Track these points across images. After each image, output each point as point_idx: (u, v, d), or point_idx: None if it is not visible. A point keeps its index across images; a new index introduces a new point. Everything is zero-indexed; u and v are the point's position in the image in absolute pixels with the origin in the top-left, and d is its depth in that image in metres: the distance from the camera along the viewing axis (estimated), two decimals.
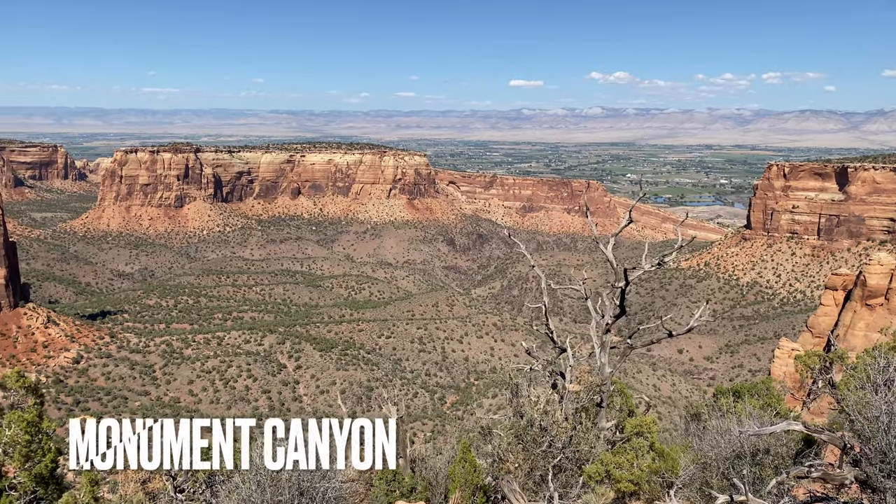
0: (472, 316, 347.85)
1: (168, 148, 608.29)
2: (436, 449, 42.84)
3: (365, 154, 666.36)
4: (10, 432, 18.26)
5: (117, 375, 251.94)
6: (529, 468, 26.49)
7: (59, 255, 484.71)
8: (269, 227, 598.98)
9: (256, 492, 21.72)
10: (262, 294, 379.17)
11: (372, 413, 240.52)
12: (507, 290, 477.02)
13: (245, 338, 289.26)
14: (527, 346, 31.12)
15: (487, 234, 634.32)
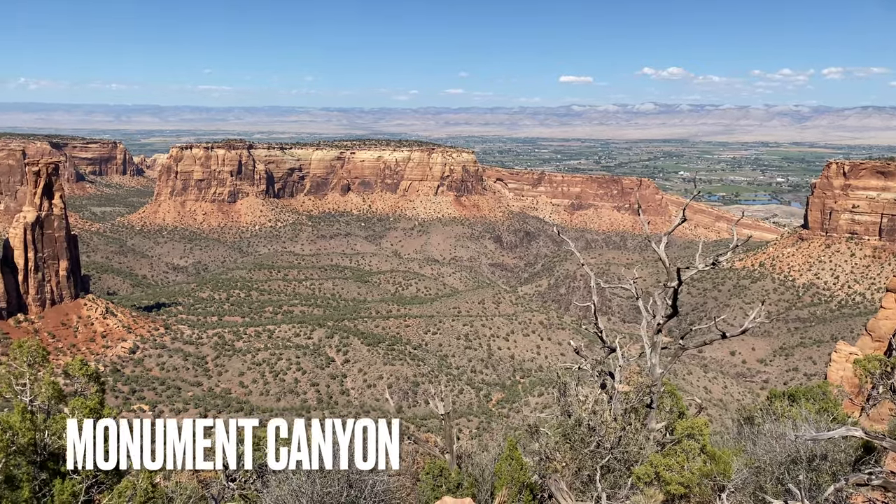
0: (519, 314, 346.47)
1: (222, 144, 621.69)
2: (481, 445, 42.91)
3: (413, 151, 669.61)
4: (73, 418, 18.99)
5: (171, 366, 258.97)
6: (577, 467, 26.30)
7: (118, 248, 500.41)
8: (319, 223, 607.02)
9: (306, 483, 22.07)
10: (311, 288, 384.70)
11: (418, 408, 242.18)
12: (554, 288, 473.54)
13: (295, 331, 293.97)
14: (575, 345, 30.86)
15: (535, 232, 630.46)
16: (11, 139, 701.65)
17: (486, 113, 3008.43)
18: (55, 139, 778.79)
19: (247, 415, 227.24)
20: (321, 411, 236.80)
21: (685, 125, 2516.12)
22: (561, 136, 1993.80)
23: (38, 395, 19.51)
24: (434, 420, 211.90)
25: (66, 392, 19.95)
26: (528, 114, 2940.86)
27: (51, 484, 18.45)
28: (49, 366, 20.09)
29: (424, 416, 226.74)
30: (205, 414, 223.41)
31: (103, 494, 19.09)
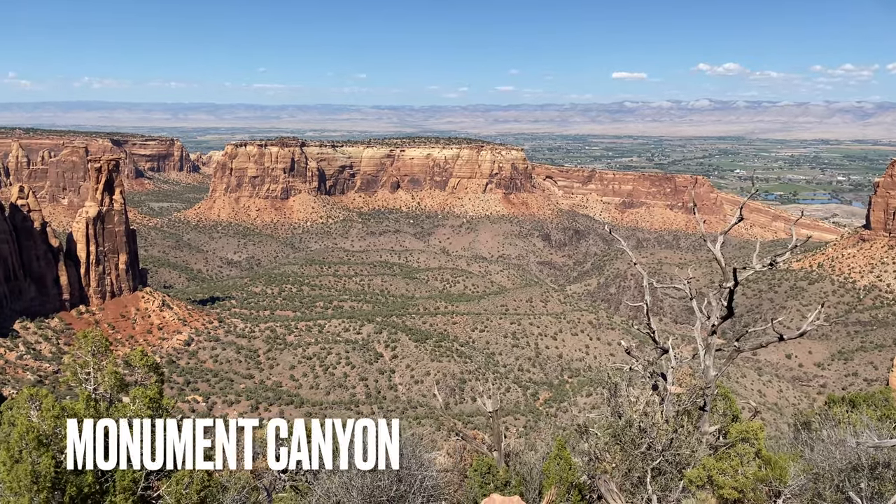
0: (567, 313, 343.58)
1: (275, 142, 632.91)
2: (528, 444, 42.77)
3: (462, 149, 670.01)
4: (134, 407, 19.66)
5: (224, 359, 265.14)
6: (627, 469, 25.97)
7: (174, 242, 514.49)
8: (369, 220, 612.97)
9: (357, 476, 22.33)
10: (361, 284, 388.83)
11: (464, 405, 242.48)
12: (604, 287, 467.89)
13: (344, 326, 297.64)
14: (626, 346, 30.45)
15: (584, 230, 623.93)
16: (75, 137, 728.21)
17: (535, 110, 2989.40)
18: (116, 136, 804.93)
19: (297, 408, 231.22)
20: (369, 406, 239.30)
21: (741, 122, 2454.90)
22: (613, 133, 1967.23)
23: (101, 384, 20.23)
24: (481, 417, 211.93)
25: (127, 382, 20.66)
26: (579, 110, 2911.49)
27: (112, 470, 19.12)
28: (112, 356, 20.82)
29: (471, 413, 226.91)
30: (256, 406, 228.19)
31: (161, 482, 19.71)
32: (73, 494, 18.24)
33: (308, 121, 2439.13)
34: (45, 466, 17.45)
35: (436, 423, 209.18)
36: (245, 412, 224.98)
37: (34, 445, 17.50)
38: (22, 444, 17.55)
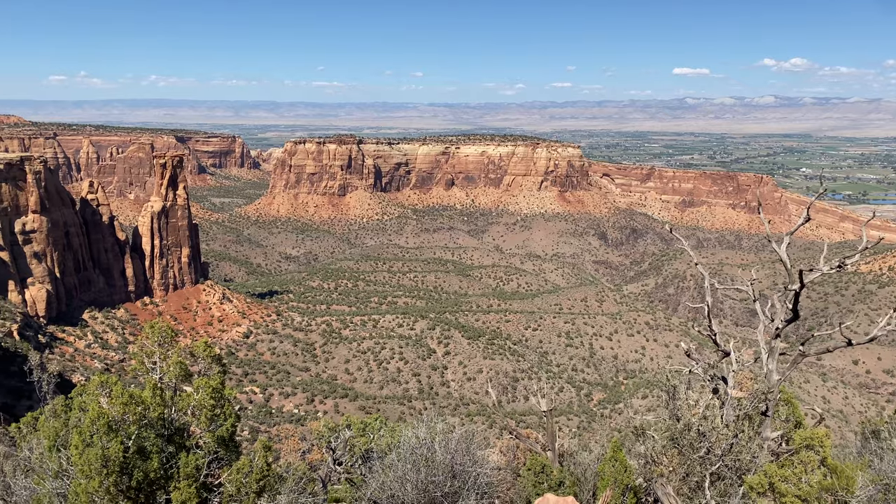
0: (623, 313, 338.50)
1: (333, 139, 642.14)
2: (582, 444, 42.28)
3: (517, 146, 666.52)
4: (197, 396, 20.27)
5: (281, 351, 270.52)
6: (685, 473, 25.45)
7: (235, 237, 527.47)
8: (424, 217, 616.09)
9: (411, 471, 22.50)
10: (415, 280, 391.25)
11: (516, 404, 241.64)
12: (662, 287, 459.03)
13: (398, 322, 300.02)
14: (686, 348, 29.80)
15: (642, 229, 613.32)
16: (142, 134, 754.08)
17: (593, 106, 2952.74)
18: (180, 133, 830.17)
19: (351, 401, 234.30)
20: (422, 401, 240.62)
21: (808, 119, 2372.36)
22: (673, 130, 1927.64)
23: (167, 373, 20.93)
24: (533, 416, 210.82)
25: (191, 372, 21.31)
26: (638, 107, 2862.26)
27: (177, 457, 19.75)
28: (178, 346, 21.52)
29: (523, 412, 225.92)
30: (311, 399, 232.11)
31: (223, 470, 20.26)
32: (139, 479, 18.92)
33: (365, 118, 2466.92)
34: (114, 451, 18.15)
35: (488, 421, 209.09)
36: (301, 404, 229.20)
37: (104, 431, 18.23)
38: (93, 429, 18.30)
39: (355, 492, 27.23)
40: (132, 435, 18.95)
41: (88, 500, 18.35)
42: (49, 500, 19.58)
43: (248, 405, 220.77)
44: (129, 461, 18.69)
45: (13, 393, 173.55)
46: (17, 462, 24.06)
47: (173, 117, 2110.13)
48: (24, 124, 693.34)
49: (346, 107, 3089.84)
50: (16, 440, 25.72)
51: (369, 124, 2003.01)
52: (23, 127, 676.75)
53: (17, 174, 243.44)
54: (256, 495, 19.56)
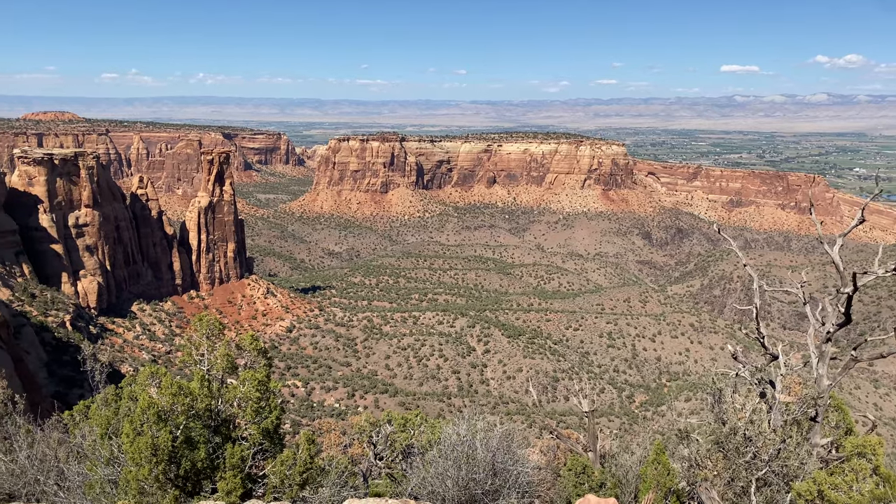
0: (667, 314, 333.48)
1: (376, 137, 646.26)
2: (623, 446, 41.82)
3: (560, 144, 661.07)
4: (243, 388, 20.67)
5: (323, 346, 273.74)
6: (730, 478, 24.97)
7: (279, 233, 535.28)
8: (465, 214, 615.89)
9: (452, 468, 22.55)
10: (455, 278, 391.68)
11: (556, 403, 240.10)
12: (707, 289, 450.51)
13: (438, 319, 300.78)
14: (733, 350, 29.22)
15: (688, 229, 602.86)
16: (190, 130, 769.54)
17: (639, 104, 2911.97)
18: (227, 130, 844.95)
19: (391, 397, 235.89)
20: (461, 399, 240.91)
21: (862, 117, 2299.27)
22: (721, 128, 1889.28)
23: (214, 365, 21.37)
24: (573, 417, 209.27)
25: (237, 364, 21.74)
26: (686, 105, 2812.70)
27: (223, 448, 20.17)
28: (225, 338, 21.97)
29: (563, 412, 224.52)
30: (352, 394, 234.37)
31: (267, 461, 20.62)
32: (187, 468, 19.40)
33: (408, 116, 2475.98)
34: (163, 440, 18.65)
35: (527, 420, 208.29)
36: (342, 399, 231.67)
37: (154, 420, 18.74)
38: (143, 418, 18.83)
39: (396, 487, 27.42)
40: (180, 425, 19.43)
41: (138, 487, 18.88)
42: (101, 486, 20.18)
43: (290, 398, 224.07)
44: (177, 450, 19.18)
45: (65, 381, 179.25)
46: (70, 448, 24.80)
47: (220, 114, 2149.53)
48: (78, 121, 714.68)
49: (389, 104, 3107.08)
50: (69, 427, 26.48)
51: (412, 122, 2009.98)
52: (77, 123, 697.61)
53: (71, 169, 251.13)
54: (300, 487, 19.86)
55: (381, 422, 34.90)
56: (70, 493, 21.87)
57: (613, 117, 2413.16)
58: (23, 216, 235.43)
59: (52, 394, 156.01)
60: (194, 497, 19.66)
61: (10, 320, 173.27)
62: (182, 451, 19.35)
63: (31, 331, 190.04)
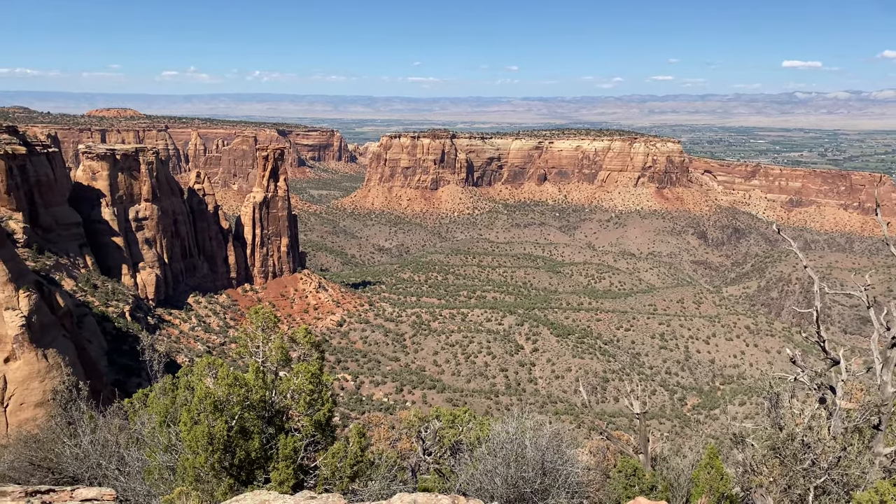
0: (722, 316, 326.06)
1: (427, 134, 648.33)
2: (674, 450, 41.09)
3: (613, 140, 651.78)
4: (297, 381, 21.06)
5: (373, 340, 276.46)
6: (787, 485, 24.30)
7: (331, 228, 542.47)
8: (515, 212, 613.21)
9: (501, 465, 22.52)
10: (504, 276, 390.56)
11: (606, 404, 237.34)
12: (765, 291, 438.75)
13: (486, 316, 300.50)
14: (791, 354, 28.40)
15: (745, 229, 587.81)
16: (245, 127, 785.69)
17: (695, 100, 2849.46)
18: (282, 127, 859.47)
19: (438, 393, 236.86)
20: (509, 397, 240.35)
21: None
22: (781, 125, 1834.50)
23: (269, 357, 21.83)
24: (623, 418, 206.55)
25: (290, 357, 22.15)
26: (744, 101, 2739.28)
27: (276, 438, 20.59)
28: (280, 331, 22.40)
29: (613, 414, 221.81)
30: (400, 389, 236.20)
31: (319, 453, 20.96)
32: (241, 457, 19.87)
33: (459, 113, 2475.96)
34: (219, 430, 19.14)
35: (576, 420, 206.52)
36: (390, 393, 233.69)
37: (210, 410, 19.25)
38: (200, 407, 19.36)
39: (444, 483, 27.51)
40: (235, 415, 19.91)
41: (195, 474, 19.41)
42: (159, 472, 20.83)
43: (339, 392, 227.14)
44: (232, 440, 19.65)
45: (124, 370, 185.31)
46: (130, 435, 25.62)
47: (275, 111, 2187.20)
48: (139, 117, 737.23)
49: (440, 101, 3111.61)
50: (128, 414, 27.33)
51: (463, 119, 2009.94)
52: (138, 120, 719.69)
53: (131, 164, 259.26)
54: (350, 480, 20.13)
55: (429, 417, 35.07)
56: (130, 478, 22.61)
57: (669, 114, 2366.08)
58: (86, 209, 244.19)
59: (111, 382, 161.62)
60: (248, 486, 20.11)
61: (74, 310, 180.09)
62: (237, 440, 19.82)
63: (93, 320, 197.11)
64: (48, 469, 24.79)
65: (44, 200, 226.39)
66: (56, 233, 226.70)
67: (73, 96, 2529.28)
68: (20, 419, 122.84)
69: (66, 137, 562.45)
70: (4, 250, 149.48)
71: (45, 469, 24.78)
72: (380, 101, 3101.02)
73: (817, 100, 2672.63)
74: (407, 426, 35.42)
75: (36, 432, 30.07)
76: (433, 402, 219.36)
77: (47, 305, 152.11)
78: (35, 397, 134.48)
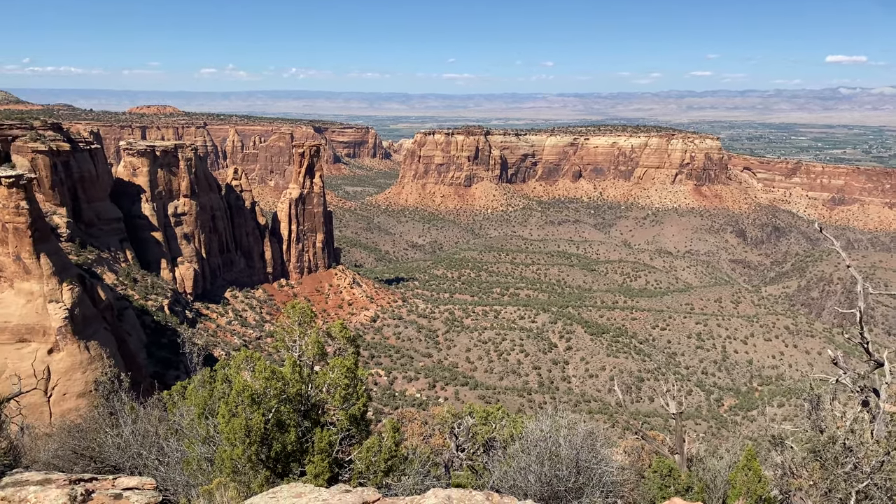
0: (761, 316, 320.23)
1: (461, 131, 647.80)
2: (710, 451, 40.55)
3: (650, 137, 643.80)
4: (333, 375, 21.29)
5: (406, 336, 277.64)
6: (827, 489, 23.79)
7: (365, 225, 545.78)
8: (549, 209, 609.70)
9: (535, 463, 22.46)
10: (537, 273, 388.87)
11: (640, 404, 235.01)
12: (805, 290, 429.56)
13: (519, 314, 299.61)
14: (832, 356, 27.78)
15: (785, 227, 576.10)
16: (282, 124, 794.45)
17: (735, 96, 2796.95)
18: (317, 124, 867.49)
19: (471, 389, 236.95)
20: (542, 395, 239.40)
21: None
22: (823, 121, 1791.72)
23: (305, 351, 22.09)
24: (657, 418, 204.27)
25: (326, 351, 22.39)
26: (785, 97, 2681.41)
27: (312, 432, 20.84)
28: (316, 326, 22.66)
29: (647, 413, 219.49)
30: (433, 385, 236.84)
31: (353, 447, 21.16)
32: (277, 450, 20.16)
33: (493, 109, 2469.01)
34: (256, 422, 19.46)
35: (610, 420, 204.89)
36: (423, 389, 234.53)
37: (248, 403, 19.58)
38: (238, 400, 19.70)
39: (477, 479, 27.55)
40: (272, 408, 20.20)
41: (232, 466, 19.75)
42: (198, 463, 21.23)
43: (373, 387, 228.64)
44: (269, 433, 19.95)
45: (162, 363, 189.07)
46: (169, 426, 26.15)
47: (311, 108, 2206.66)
48: (178, 114, 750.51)
49: (475, 98, 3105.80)
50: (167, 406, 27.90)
51: (497, 115, 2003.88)
52: (177, 117, 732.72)
53: (171, 161, 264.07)
54: (384, 474, 20.28)
55: (462, 414, 35.14)
56: (169, 468, 23.08)
57: (707, 110, 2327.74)
58: (127, 205, 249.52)
59: (150, 374, 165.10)
60: (283, 478, 20.39)
61: (115, 303, 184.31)
62: (273, 433, 20.11)
63: (133, 314, 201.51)
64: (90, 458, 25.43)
65: (86, 196, 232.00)
66: (98, 227, 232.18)
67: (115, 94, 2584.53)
68: (63, 409, 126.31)
69: (107, 134, 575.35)
70: (49, 244, 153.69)
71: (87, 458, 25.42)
72: (415, 97, 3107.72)
73: (862, 95, 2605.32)
74: (440, 422, 35.53)
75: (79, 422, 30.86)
76: (465, 399, 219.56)
77: (89, 298, 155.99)
78: (77, 388, 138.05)
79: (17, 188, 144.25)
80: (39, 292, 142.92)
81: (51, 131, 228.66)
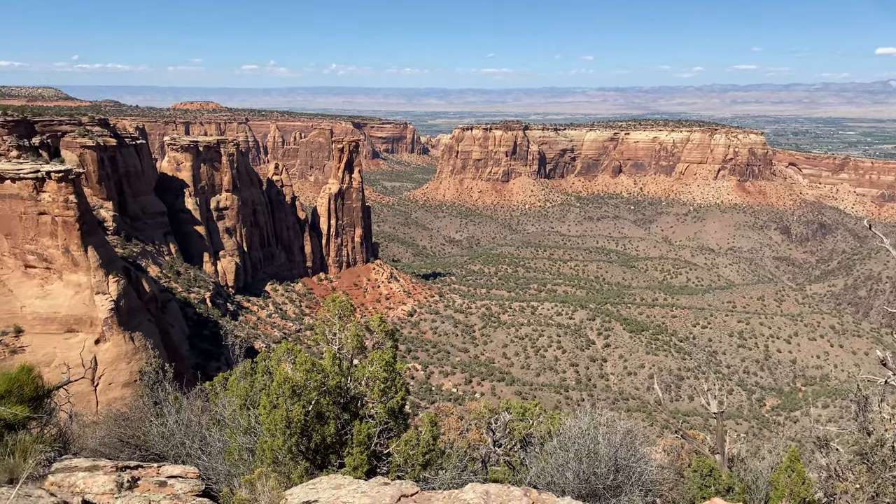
0: (805, 315, 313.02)
1: (499, 126, 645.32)
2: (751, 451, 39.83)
3: (693, 132, 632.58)
4: (371, 368, 21.50)
5: (442, 331, 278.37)
6: (874, 492, 23.19)
7: (403, 220, 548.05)
8: (588, 205, 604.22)
9: (573, 460, 22.35)
10: (575, 269, 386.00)
11: (680, 403, 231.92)
12: (852, 289, 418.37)
13: (557, 310, 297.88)
14: (881, 356, 27.01)
15: (831, 224, 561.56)
16: (322, 120, 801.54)
17: (780, 90, 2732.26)
18: (357, 120, 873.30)
19: (507, 385, 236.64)
20: (579, 392, 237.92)
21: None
22: (873, 116, 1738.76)
23: (345, 344, 22.32)
24: (697, 417, 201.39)
25: (365, 345, 22.61)
26: (832, 91, 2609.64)
27: (350, 424, 21.08)
28: (355, 319, 22.89)
29: (687, 412, 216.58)
30: (469, 380, 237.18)
31: (391, 440, 21.34)
32: (317, 442, 20.43)
33: (532, 104, 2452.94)
34: (296, 414, 19.76)
35: (649, 418, 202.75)
36: (459, 384, 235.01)
37: (289, 394, 19.88)
38: (279, 391, 20.02)
39: (514, 475, 27.54)
40: (312, 400, 20.46)
41: (272, 456, 20.08)
42: (239, 453, 21.63)
43: (410, 381, 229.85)
44: (308, 424, 20.23)
45: (204, 354, 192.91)
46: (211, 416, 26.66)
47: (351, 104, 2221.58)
48: (220, 110, 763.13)
49: (513, 93, 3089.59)
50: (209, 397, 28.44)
51: (536, 110, 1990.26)
52: (219, 113, 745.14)
53: (213, 156, 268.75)
54: (422, 468, 20.41)
55: (499, 409, 35.12)
56: (211, 457, 23.56)
57: (752, 104, 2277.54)
58: (171, 199, 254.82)
59: (192, 365, 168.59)
60: (322, 470, 20.65)
61: (159, 295, 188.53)
62: (313, 425, 20.37)
63: (176, 306, 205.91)
64: (136, 446, 26.09)
65: (132, 190, 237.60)
66: (142, 221, 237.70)
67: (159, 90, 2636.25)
68: (109, 398, 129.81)
69: (152, 130, 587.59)
70: (96, 237, 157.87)
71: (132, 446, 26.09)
72: (453, 93, 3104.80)
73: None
74: (477, 417, 35.56)
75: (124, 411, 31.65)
76: (502, 395, 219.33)
77: (134, 291, 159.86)
78: (123, 377, 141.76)
79: (66, 182, 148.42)
80: (87, 284, 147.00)
81: (98, 127, 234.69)
